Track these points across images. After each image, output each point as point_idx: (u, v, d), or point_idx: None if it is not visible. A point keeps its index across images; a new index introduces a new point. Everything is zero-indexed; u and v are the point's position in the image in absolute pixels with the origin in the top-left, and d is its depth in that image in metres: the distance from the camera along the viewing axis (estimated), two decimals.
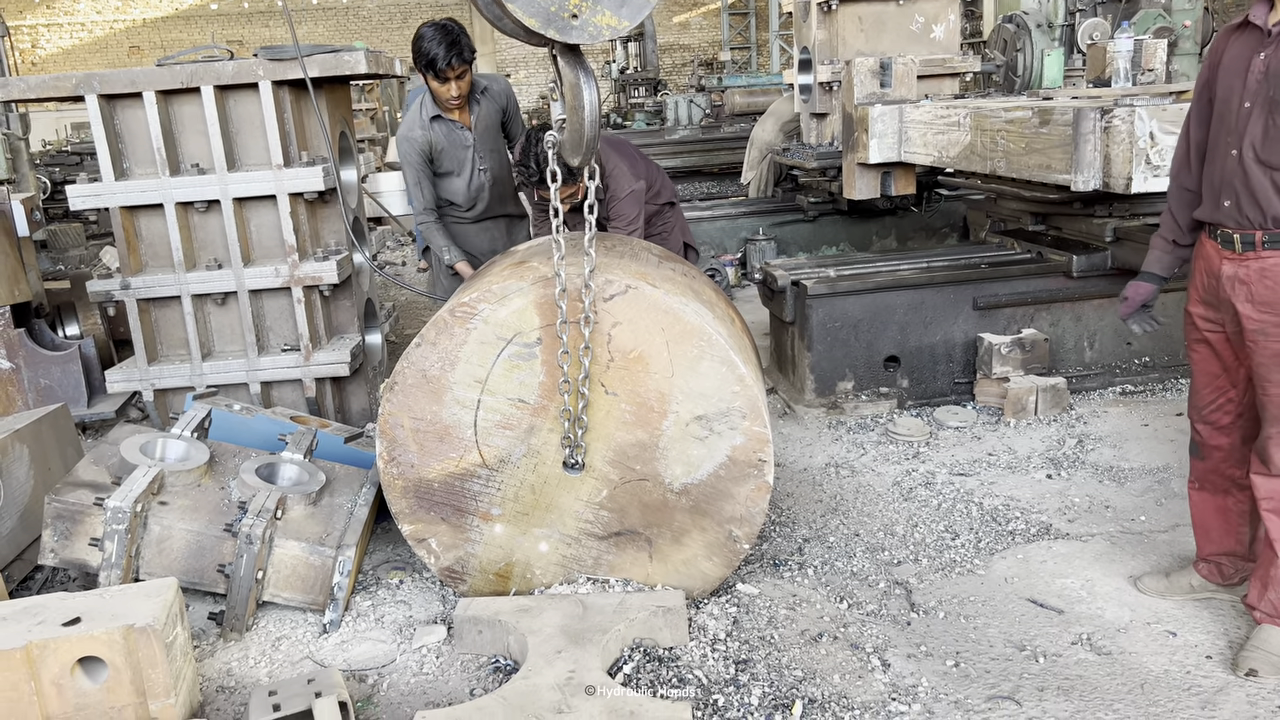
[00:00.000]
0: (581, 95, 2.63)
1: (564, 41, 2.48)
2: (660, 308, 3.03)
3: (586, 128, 2.67)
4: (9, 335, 5.19)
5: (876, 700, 2.76)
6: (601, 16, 2.44)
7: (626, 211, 4.30)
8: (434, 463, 3.14)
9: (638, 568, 3.21)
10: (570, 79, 2.64)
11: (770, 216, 8.30)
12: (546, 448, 3.12)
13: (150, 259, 4.61)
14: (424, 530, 3.21)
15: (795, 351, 5.27)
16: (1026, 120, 4.43)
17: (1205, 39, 10.61)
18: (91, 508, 3.20)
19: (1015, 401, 4.82)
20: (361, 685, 2.95)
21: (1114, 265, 5.07)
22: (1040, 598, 3.29)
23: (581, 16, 2.43)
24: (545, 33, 2.44)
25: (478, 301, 3.05)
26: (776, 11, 24.07)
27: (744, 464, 3.09)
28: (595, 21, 2.45)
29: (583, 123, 2.67)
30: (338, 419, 4.79)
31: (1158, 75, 6.58)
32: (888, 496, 4.13)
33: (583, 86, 2.63)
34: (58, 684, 2.48)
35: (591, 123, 2.66)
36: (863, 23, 7.09)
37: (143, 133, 4.43)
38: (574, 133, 2.74)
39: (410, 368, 3.08)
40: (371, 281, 5.30)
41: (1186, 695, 2.75)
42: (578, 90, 2.64)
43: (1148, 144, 3.92)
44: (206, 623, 3.28)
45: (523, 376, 3.08)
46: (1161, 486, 4.07)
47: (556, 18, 2.42)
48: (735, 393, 3.05)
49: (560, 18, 2.42)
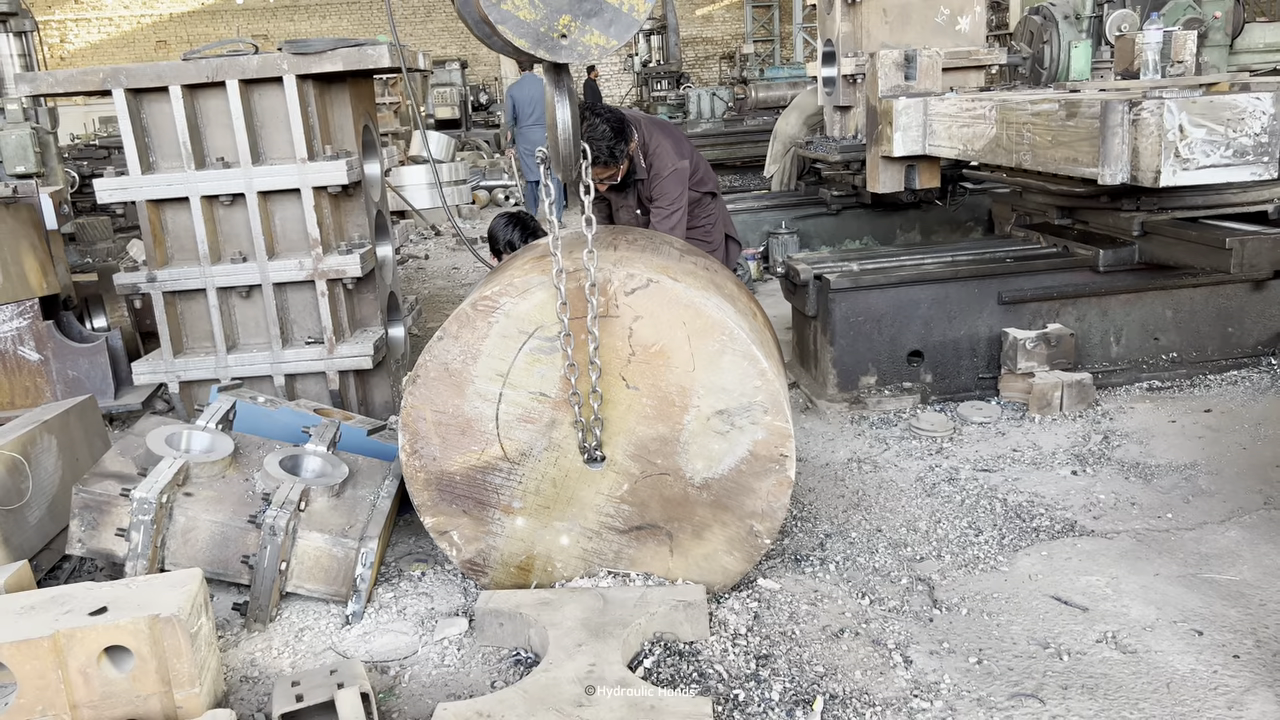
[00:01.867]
0: (555, 112, 2.72)
1: (554, 61, 2.55)
2: (682, 302, 3.02)
3: (560, 144, 2.76)
4: (38, 327, 5.25)
5: (898, 697, 2.74)
6: (590, 36, 2.51)
7: (669, 190, 4.26)
8: (456, 455, 3.15)
9: (658, 562, 3.21)
10: (548, 97, 2.73)
11: (793, 210, 8.26)
12: (568, 441, 3.12)
13: (176, 252, 4.64)
14: (446, 523, 3.22)
15: (818, 346, 5.25)
16: (1053, 113, 4.38)
17: (1236, 30, 10.46)
18: (118, 498, 3.23)
19: (1040, 397, 4.78)
20: (383, 676, 2.96)
21: (1141, 260, 5.02)
22: (1064, 595, 3.26)
23: (570, 37, 2.50)
24: (535, 53, 2.50)
25: (499, 295, 3.05)
26: (800, 4, 23.93)
27: (765, 459, 3.08)
28: (584, 42, 2.52)
29: (556, 139, 2.76)
30: (361, 412, 4.81)
31: (1187, 67, 6.48)
32: (910, 492, 4.10)
33: (557, 105, 2.71)
34: (84, 672, 2.50)
35: (565, 140, 2.75)
36: (887, 15, 7.03)
37: (169, 126, 4.46)
38: (551, 148, 2.83)
39: (432, 360, 3.09)
40: (394, 275, 5.32)
41: (1213, 695, 2.72)
42: (553, 108, 2.72)
43: (1177, 137, 3.86)
44: (231, 613, 3.30)
45: (544, 370, 3.08)
46: (1189, 484, 4.02)
47: (546, 38, 2.49)
48: (757, 387, 3.04)
49: (550, 38, 2.50)
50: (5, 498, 3.44)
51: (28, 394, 5.27)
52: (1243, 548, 3.48)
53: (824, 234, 8.12)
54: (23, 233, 5.29)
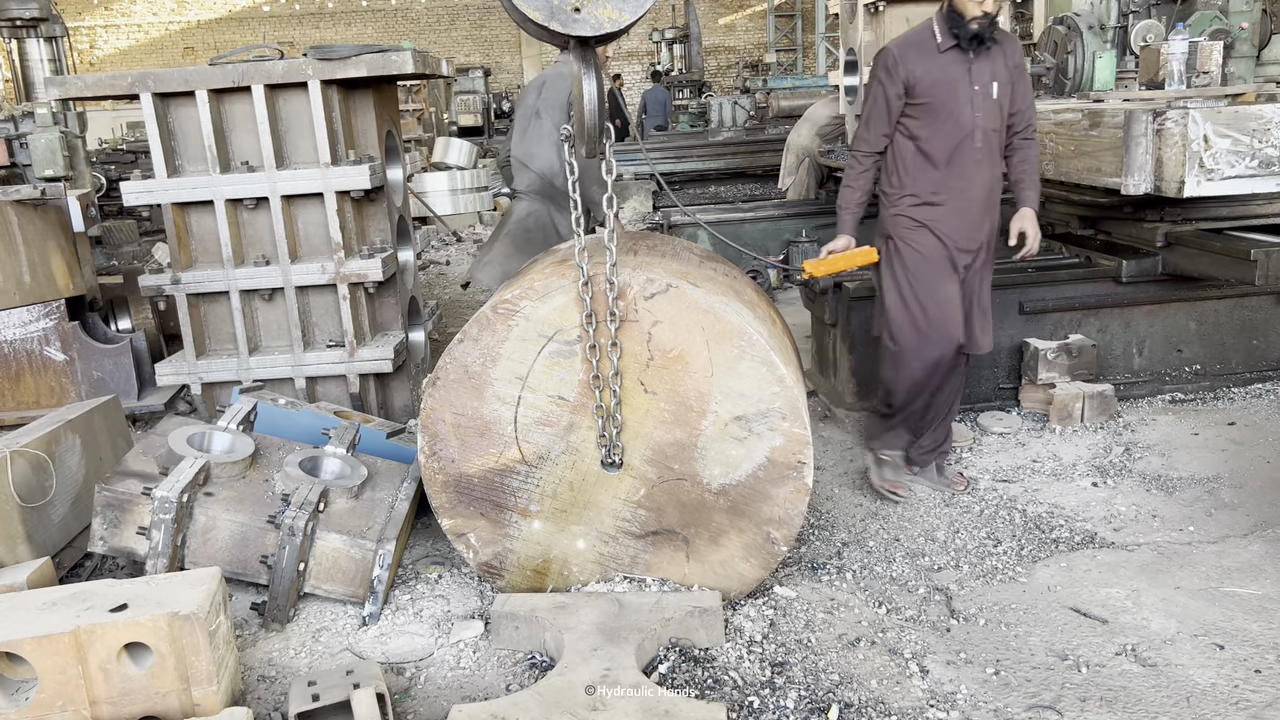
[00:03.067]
0: (581, 87, 2.80)
1: (567, 34, 2.60)
2: (701, 307, 3.03)
3: (586, 117, 2.83)
4: (64, 328, 5.31)
5: (914, 707, 2.73)
6: (603, 10, 2.56)
7: None
8: (474, 458, 3.16)
9: (674, 567, 3.21)
10: (574, 72, 2.80)
11: (813, 219, 8.25)
12: (585, 445, 3.13)
13: (200, 255, 4.69)
14: (463, 525, 3.23)
15: (837, 354, 5.23)
16: (1076, 123, 4.36)
17: (1263, 41, 10.37)
18: (139, 497, 3.26)
19: (1061, 408, 4.75)
20: (399, 678, 2.97)
21: (1165, 271, 4.97)
22: (1084, 607, 3.24)
23: (584, 10, 2.56)
24: (549, 25, 2.56)
25: (519, 299, 3.07)
26: (823, 13, 23.96)
27: (783, 465, 3.08)
28: (597, 14, 2.57)
29: (582, 112, 2.83)
30: (380, 415, 4.84)
31: (1213, 78, 6.44)
32: (929, 502, 4.08)
33: (583, 79, 2.79)
34: (104, 668, 2.53)
35: (591, 112, 2.82)
36: (910, 24, 6.97)
37: (195, 130, 4.51)
38: (576, 123, 2.91)
39: (452, 363, 3.11)
40: (415, 280, 5.35)
41: (1234, 709, 2.69)
42: (579, 82, 2.80)
43: (1201, 147, 3.84)
44: (249, 613, 3.33)
45: (563, 374, 3.09)
46: (1211, 496, 3.98)
47: (560, 10, 2.56)
48: (775, 393, 3.04)
49: (564, 10, 2.56)
50: (29, 495, 3.48)
51: (53, 393, 5.33)
52: (1265, 562, 3.45)
53: None
54: (50, 234, 5.36)
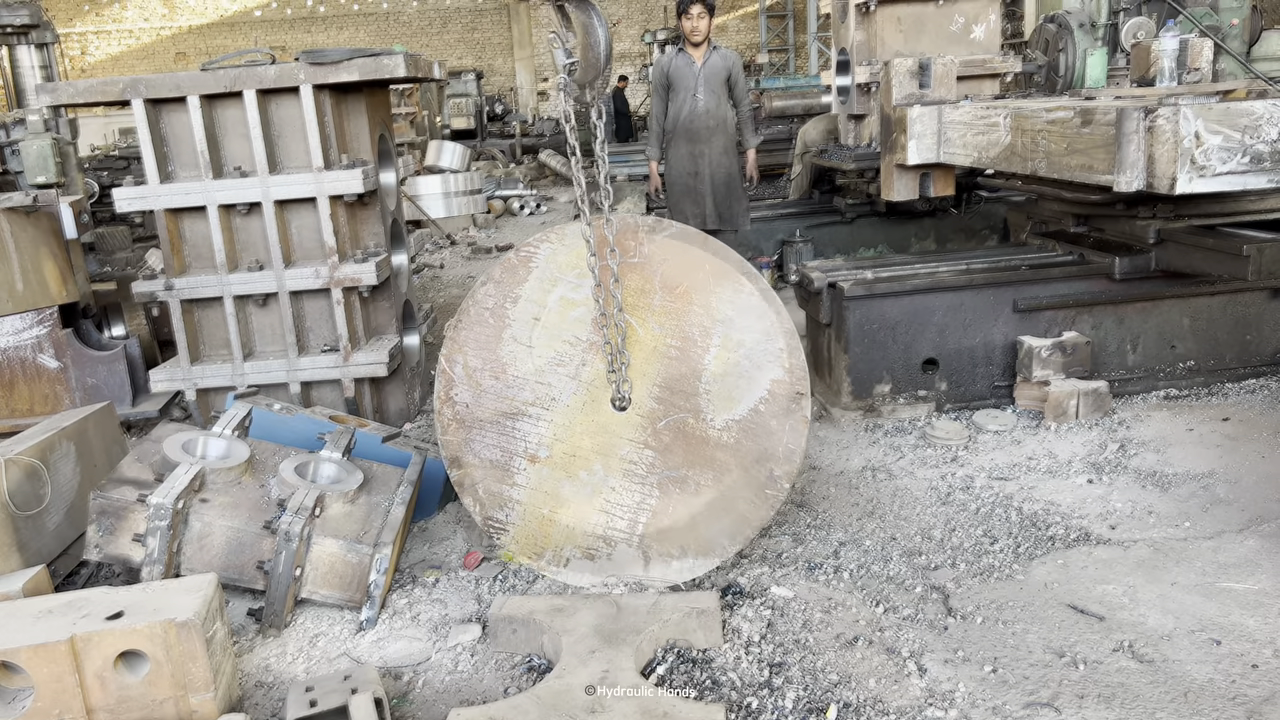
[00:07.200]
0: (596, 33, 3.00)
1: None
2: (702, 246, 3.25)
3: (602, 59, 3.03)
4: (57, 335, 5.30)
5: (912, 705, 2.73)
6: None
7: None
8: (489, 401, 3.27)
9: (680, 509, 3.26)
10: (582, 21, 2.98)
11: (807, 218, 8.25)
12: (596, 384, 3.25)
13: (193, 261, 4.68)
14: (471, 475, 3.32)
15: (832, 354, 5.24)
16: (1068, 120, 4.37)
17: (1253, 38, 10.41)
18: (134, 504, 3.25)
19: (1056, 405, 4.76)
20: (397, 683, 2.97)
21: (1158, 268, 4.99)
22: (1081, 604, 3.24)
23: None
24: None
25: (540, 241, 3.24)
26: (815, 13, 23.98)
27: (783, 398, 3.21)
28: None
29: (598, 56, 3.02)
30: (376, 419, 4.83)
31: (1203, 75, 6.45)
32: (925, 500, 4.09)
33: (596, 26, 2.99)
34: (100, 676, 2.52)
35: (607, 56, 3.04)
36: (901, 23, 7.03)
37: (187, 136, 4.50)
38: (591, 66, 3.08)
39: (474, 305, 3.26)
40: (410, 283, 5.34)
41: (1231, 705, 2.69)
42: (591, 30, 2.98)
43: (1193, 144, 3.84)
44: (245, 619, 3.32)
45: (576, 313, 3.23)
46: (1206, 492, 3.99)
47: None
48: (773, 323, 3.22)
49: None
50: (24, 503, 3.47)
51: (47, 401, 5.32)
52: (1261, 557, 3.45)
53: (838, 242, 8.11)
54: (43, 241, 5.35)
